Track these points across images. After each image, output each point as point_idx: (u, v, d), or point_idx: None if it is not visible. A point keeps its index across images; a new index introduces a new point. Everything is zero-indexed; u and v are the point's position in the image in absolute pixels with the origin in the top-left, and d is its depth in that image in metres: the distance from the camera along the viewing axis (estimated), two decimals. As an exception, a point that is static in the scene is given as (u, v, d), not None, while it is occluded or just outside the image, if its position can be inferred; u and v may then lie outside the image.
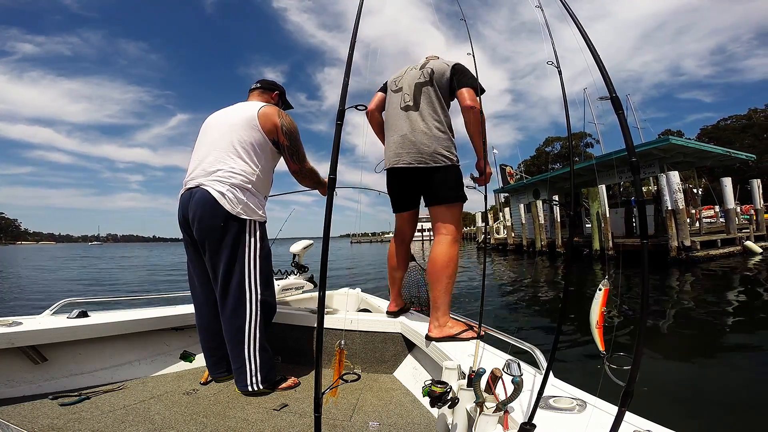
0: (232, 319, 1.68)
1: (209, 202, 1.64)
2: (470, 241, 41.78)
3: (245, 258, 1.69)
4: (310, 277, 2.94)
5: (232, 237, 1.67)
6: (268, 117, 1.77)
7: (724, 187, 12.37)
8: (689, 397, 2.64)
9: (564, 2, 0.87)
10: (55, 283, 10.04)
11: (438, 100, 1.77)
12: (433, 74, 1.78)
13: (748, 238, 11.82)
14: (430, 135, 1.72)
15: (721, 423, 2.30)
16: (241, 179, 1.70)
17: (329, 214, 0.80)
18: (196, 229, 1.67)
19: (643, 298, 0.73)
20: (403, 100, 1.82)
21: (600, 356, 0.84)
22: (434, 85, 1.77)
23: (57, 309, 1.89)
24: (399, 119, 1.81)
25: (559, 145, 49.17)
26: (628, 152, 0.68)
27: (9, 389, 1.54)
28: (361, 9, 0.94)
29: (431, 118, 1.74)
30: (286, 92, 2.09)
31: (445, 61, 1.83)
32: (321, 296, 0.80)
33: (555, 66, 1.07)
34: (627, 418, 0.72)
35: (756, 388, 2.77)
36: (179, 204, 1.76)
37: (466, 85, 1.71)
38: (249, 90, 2.02)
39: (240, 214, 1.67)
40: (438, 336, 1.63)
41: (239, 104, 1.90)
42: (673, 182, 10.47)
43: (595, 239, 12.49)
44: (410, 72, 1.87)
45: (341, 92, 0.83)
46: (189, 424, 1.38)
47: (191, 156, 1.84)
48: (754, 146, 41.26)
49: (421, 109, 1.76)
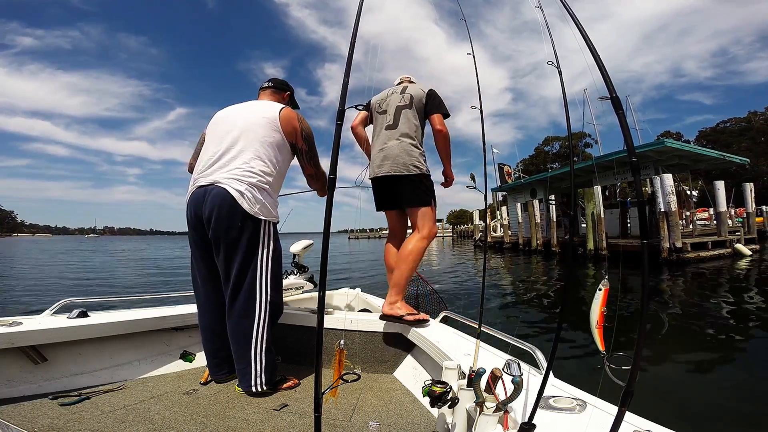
0: (241, 318, 1.67)
1: (227, 200, 1.61)
2: (467, 239, 41.83)
3: (259, 259, 1.69)
4: (310, 277, 2.94)
5: (248, 237, 1.65)
6: (289, 120, 1.77)
7: (717, 190, 12.61)
8: (687, 397, 2.65)
9: (564, 2, 0.86)
10: (47, 280, 10.01)
11: (414, 119, 2.10)
12: (413, 99, 2.11)
13: (739, 241, 12.15)
14: (406, 151, 2.04)
15: (720, 423, 2.30)
16: (259, 179, 1.68)
17: (329, 214, 0.80)
18: (212, 228, 1.64)
19: (643, 298, 0.73)
20: (387, 120, 2.14)
21: (600, 356, 0.84)
22: (412, 108, 2.11)
23: (57, 309, 1.89)
24: (382, 137, 2.13)
25: (558, 144, 49.21)
26: (629, 152, 0.68)
27: (9, 389, 1.54)
28: (361, 9, 0.94)
29: (407, 137, 2.07)
30: (294, 92, 2.10)
31: (420, 87, 2.15)
32: (321, 296, 0.80)
33: (555, 66, 1.07)
34: (627, 418, 0.73)
35: (751, 387, 2.78)
36: (190, 200, 1.71)
37: (437, 111, 2.09)
38: (260, 88, 2.01)
39: (258, 215, 1.65)
40: (387, 313, 1.92)
41: (255, 102, 1.88)
42: (667, 185, 10.68)
43: (589, 239, 12.73)
44: (392, 96, 2.18)
45: (341, 92, 0.82)
46: (189, 424, 1.37)
47: (202, 150, 1.80)
48: (750, 150, 41.40)
49: (399, 128, 2.09)
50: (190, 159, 1.95)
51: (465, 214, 46.25)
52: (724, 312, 5.28)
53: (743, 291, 6.75)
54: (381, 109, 2.21)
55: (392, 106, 2.14)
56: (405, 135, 2.06)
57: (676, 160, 13.51)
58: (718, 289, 7.01)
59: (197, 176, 1.73)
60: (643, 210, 0.73)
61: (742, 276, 8.54)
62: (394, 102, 2.15)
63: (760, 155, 41.08)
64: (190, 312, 2.09)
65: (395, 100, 2.15)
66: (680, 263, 9.99)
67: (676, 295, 6.54)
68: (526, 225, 17.88)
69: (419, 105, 2.10)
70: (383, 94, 2.24)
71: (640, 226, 0.72)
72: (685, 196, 16.22)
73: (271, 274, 1.72)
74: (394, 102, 2.15)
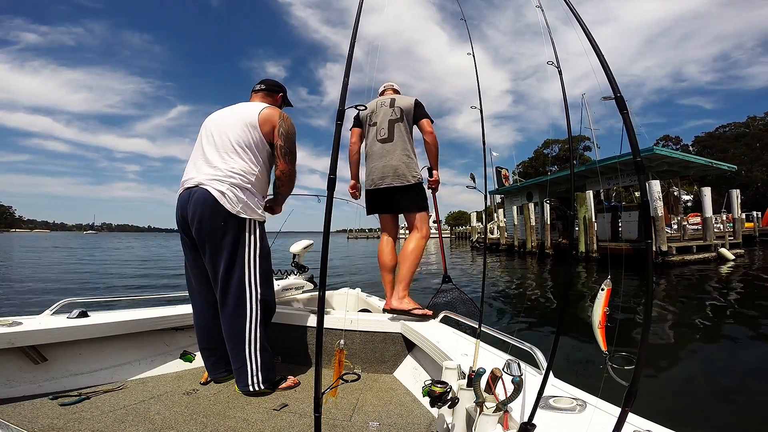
0: (232, 318, 1.67)
1: (209, 201, 1.63)
2: (464, 240, 41.84)
3: (245, 257, 1.69)
4: (310, 277, 2.94)
5: (232, 236, 1.66)
6: (267, 118, 1.77)
7: (704, 196, 13.33)
8: (684, 397, 2.66)
9: (569, 3, 0.87)
10: (47, 281, 10.02)
11: (407, 133, 2.26)
12: (403, 111, 2.26)
13: (724, 245, 12.59)
14: (405, 163, 2.20)
15: (720, 423, 2.30)
16: (241, 179, 1.69)
17: (329, 214, 0.80)
18: (196, 229, 1.66)
19: (647, 298, 0.73)
20: (380, 133, 2.27)
21: (601, 356, 0.84)
22: (404, 120, 2.25)
23: (57, 309, 1.89)
24: (380, 150, 2.25)
25: (557, 147, 49.24)
26: (633, 152, 0.69)
27: (9, 389, 1.53)
28: (361, 9, 0.94)
29: (404, 149, 2.22)
30: (287, 91, 2.09)
31: (406, 98, 2.30)
32: (321, 296, 0.80)
33: (555, 66, 1.07)
34: (627, 418, 0.73)
35: (741, 381, 2.81)
36: (178, 203, 1.75)
37: (425, 117, 2.27)
38: (252, 90, 2.00)
39: (240, 213, 1.67)
40: (396, 308, 2.05)
41: (240, 104, 1.90)
42: (654, 191, 11.11)
43: (581, 242, 13.21)
44: (382, 109, 2.31)
45: (341, 92, 0.82)
46: (189, 424, 1.37)
47: (190, 155, 1.83)
48: (745, 155, 41.56)
49: (395, 141, 2.23)
50: None
51: (464, 216, 46.26)
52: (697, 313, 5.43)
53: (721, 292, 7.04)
54: (372, 121, 2.33)
55: (384, 119, 2.27)
56: (402, 148, 2.21)
57: (666, 166, 13.97)
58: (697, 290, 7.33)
59: (184, 179, 1.76)
60: (647, 211, 0.73)
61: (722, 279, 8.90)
62: (385, 115, 2.28)
63: (754, 160, 41.25)
64: (190, 312, 2.08)
65: (386, 113, 2.29)
66: (665, 266, 10.39)
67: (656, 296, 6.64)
68: (521, 227, 18.32)
69: (408, 116, 2.27)
70: (372, 105, 2.36)
71: (645, 226, 0.72)
72: (674, 202, 16.84)
73: (259, 271, 1.73)
74: (385, 115, 2.28)
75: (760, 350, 3.69)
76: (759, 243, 19.00)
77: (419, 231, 2.23)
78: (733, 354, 3.58)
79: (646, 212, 0.71)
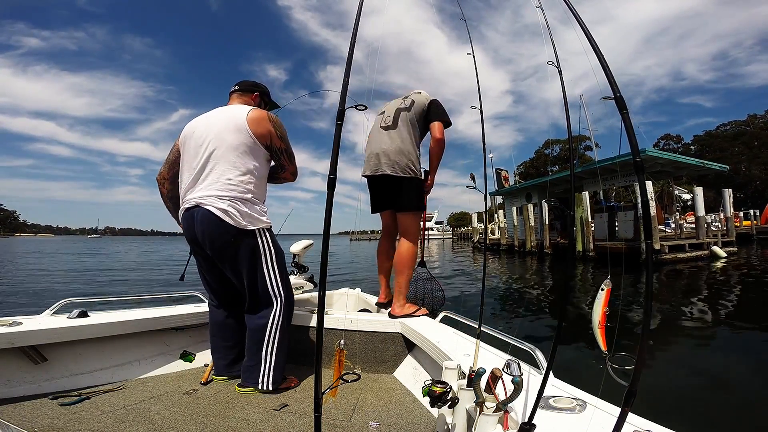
0: (256, 318, 1.73)
1: (213, 221, 1.61)
2: (466, 240, 41.92)
3: (264, 266, 1.73)
4: (310, 277, 2.93)
5: (247, 250, 1.68)
6: (258, 122, 1.70)
7: (696, 196, 13.44)
8: (683, 397, 2.65)
9: (568, 3, 0.87)
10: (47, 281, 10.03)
11: (412, 125, 2.15)
12: (414, 104, 2.17)
13: (716, 244, 12.84)
14: (402, 151, 2.09)
15: (720, 423, 2.30)
16: (240, 190, 1.66)
17: (329, 215, 0.80)
18: (209, 248, 1.67)
19: (646, 297, 0.73)
20: (384, 121, 2.20)
21: (601, 356, 0.84)
22: (411, 112, 2.15)
23: (57, 309, 1.89)
24: (380, 136, 2.18)
25: (558, 147, 49.23)
26: (633, 152, 0.68)
27: (9, 389, 1.53)
28: (361, 9, 0.94)
29: (403, 138, 2.12)
30: (269, 91, 2.00)
31: (425, 96, 2.21)
32: (321, 296, 0.80)
33: (555, 66, 1.07)
34: (627, 418, 0.72)
35: (743, 384, 2.80)
36: (184, 225, 1.73)
37: (438, 119, 2.14)
38: (229, 93, 1.93)
39: (247, 227, 1.66)
40: (400, 314, 2.07)
41: (221, 109, 1.80)
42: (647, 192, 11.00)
43: (578, 241, 13.36)
44: (394, 101, 2.27)
45: (341, 92, 0.82)
46: (189, 424, 1.37)
47: (181, 168, 1.76)
48: (743, 154, 41.57)
49: (398, 128, 2.13)
50: (161, 168, 1.89)
51: (466, 217, 46.31)
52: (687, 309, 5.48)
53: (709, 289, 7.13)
54: (380, 110, 2.31)
55: (392, 108, 2.22)
56: (403, 138, 2.11)
57: (659, 167, 14.10)
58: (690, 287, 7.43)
59: (183, 196, 1.73)
60: (646, 210, 0.73)
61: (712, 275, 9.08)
62: (394, 104, 2.23)
63: (752, 159, 41.26)
64: (190, 312, 2.09)
65: (396, 103, 2.23)
66: (657, 264, 10.58)
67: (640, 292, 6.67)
68: (521, 228, 18.54)
69: (419, 110, 2.16)
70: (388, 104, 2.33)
71: (644, 226, 0.72)
72: (668, 201, 17.02)
73: (280, 275, 1.77)
74: (394, 104, 2.23)
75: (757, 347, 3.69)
76: (757, 241, 19.07)
77: (410, 234, 2.18)
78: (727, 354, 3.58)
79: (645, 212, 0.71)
